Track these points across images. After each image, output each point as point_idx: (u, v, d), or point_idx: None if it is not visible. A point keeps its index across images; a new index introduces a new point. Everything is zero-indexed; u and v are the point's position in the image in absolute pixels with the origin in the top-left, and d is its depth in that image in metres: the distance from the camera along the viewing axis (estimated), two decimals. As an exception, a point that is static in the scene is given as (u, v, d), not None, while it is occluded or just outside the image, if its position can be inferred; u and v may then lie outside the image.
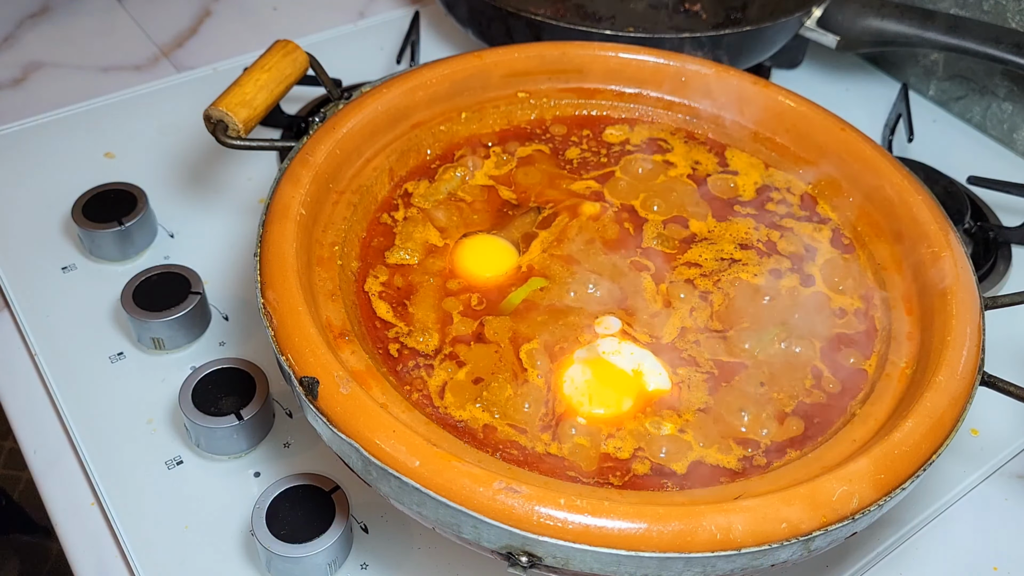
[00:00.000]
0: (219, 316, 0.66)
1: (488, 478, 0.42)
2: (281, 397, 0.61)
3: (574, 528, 0.41)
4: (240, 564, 0.53)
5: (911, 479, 0.45)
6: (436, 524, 0.44)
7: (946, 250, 0.56)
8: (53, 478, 0.58)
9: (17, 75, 0.87)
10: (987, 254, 0.74)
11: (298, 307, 0.48)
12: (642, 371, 0.53)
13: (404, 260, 0.58)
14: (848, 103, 0.90)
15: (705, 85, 0.69)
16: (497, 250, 0.60)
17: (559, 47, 0.69)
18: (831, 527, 0.43)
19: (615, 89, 0.70)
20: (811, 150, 0.66)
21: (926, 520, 0.58)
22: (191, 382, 0.58)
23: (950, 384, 0.49)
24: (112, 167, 0.76)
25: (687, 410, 0.52)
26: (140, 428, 0.60)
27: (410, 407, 0.49)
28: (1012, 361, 0.66)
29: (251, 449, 0.59)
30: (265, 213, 0.54)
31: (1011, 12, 0.82)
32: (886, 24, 0.82)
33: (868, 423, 0.50)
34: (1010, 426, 0.63)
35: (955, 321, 0.52)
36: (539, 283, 0.57)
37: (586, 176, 0.65)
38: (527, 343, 0.54)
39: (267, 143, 0.60)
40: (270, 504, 0.52)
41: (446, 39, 0.95)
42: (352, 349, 0.50)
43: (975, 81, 0.88)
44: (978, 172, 0.81)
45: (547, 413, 0.51)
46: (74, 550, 0.55)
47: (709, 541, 0.41)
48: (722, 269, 0.60)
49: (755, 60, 0.84)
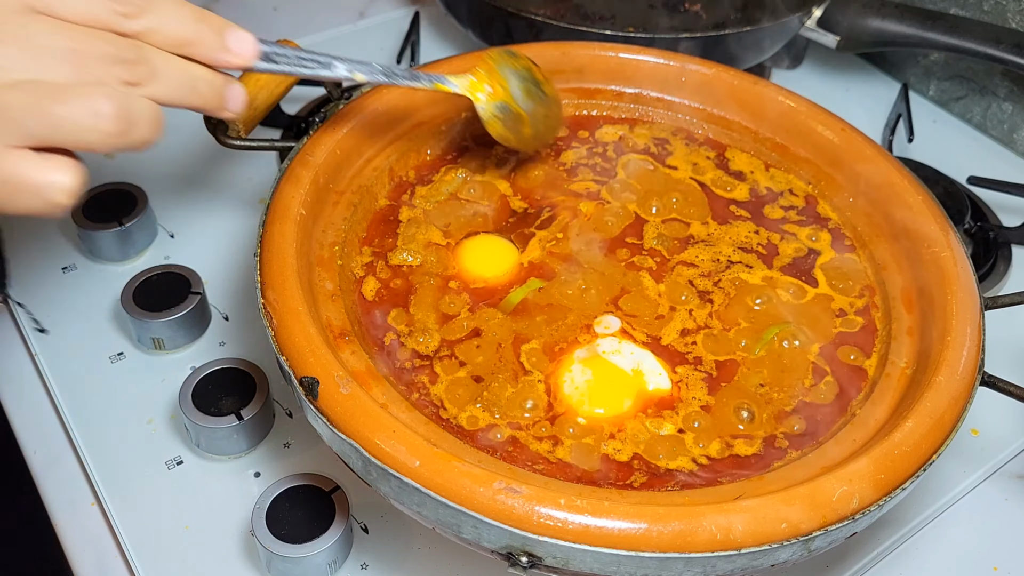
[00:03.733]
0: (219, 316, 0.66)
1: (488, 478, 0.42)
2: (281, 397, 0.61)
3: (574, 528, 0.41)
4: (240, 564, 0.53)
5: (911, 479, 0.45)
6: (436, 524, 0.44)
7: (946, 250, 0.56)
8: (53, 478, 0.58)
9: (17, 75, 0.87)
10: (987, 254, 0.74)
11: (298, 307, 0.48)
12: (642, 371, 0.53)
13: (406, 261, 0.58)
14: (848, 103, 0.90)
15: (705, 85, 0.69)
16: (500, 250, 0.60)
17: (559, 47, 0.69)
18: (831, 527, 0.43)
19: (615, 89, 0.70)
20: (811, 150, 0.66)
21: (926, 520, 0.58)
22: (191, 382, 0.58)
23: (950, 384, 0.49)
24: (112, 167, 0.76)
25: (687, 410, 0.52)
26: (140, 428, 0.60)
27: (410, 407, 0.49)
28: (1012, 361, 0.66)
29: (251, 449, 0.59)
30: (265, 213, 0.54)
31: (1011, 12, 0.82)
32: (886, 24, 0.82)
33: (868, 423, 0.50)
34: (1010, 426, 0.63)
35: (955, 321, 0.52)
36: (537, 284, 0.57)
37: (586, 176, 0.65)
38: (527, 343, 0.54)
39: (267, 143, 0.60)
40: (270, 504, 0.52)
41: (446, 39, 0.95)
42: (352, 349, 0.50)
43: (975, 81, 0.88)
44: (978, 172, 0.81)
45: (547, 413, 0.51)
46: (74, 550, 0.55)
47: (709, 541, 0.41)
48: (721, 269, 0.60)
49: (755, 60, 0.84)
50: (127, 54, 0.40)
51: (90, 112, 0.38)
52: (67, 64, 0.38)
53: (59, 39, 0.38)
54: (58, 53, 0.38)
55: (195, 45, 0.43)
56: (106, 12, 0.39)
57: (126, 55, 0.39)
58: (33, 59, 0.37)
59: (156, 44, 0.41)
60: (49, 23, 0.38)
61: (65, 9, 0.38)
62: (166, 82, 0.41)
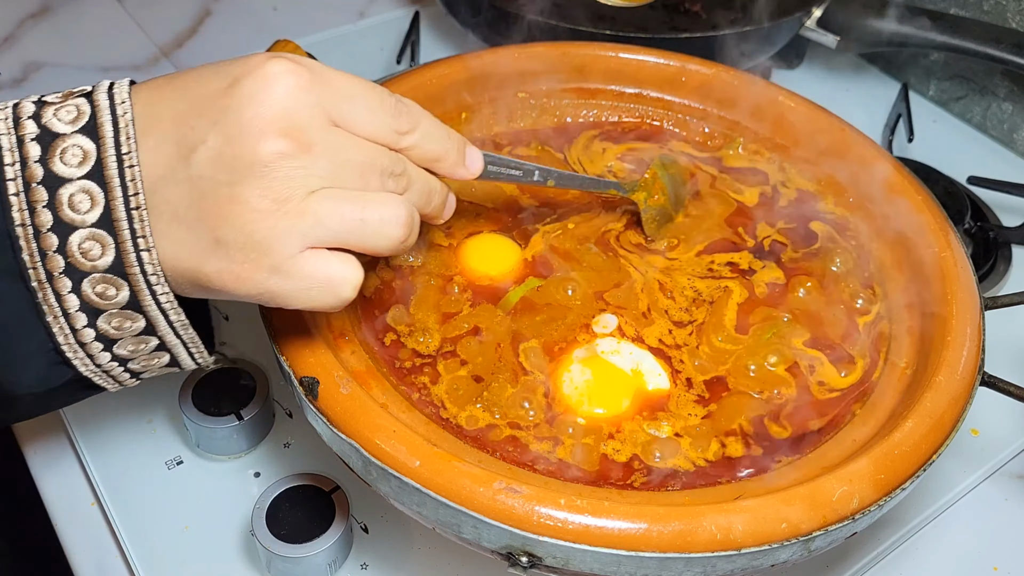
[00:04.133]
0: (219, 316, 0.66)
1: (488, 478, 0.42)
2: (281, 397, 0.61)
3: (574, 528, 0.41)
4: (240, 564, 0.53)
5: (911, 479, 0.45)
6: (436, 524, 0.44)
7: (946, 250, 0.56)
8: (53, 478, 0.58)
9: (17, 75, 0.87)
10: (987, 254, 0.74)
11: (298, 307, 0.48)
12: (641, 371, 0.53)
13: (407, 261, 0.58)
14: (848, 103, 0.89)
15: (705, 85, 0.69)
16: (504, 249, 0.59)
17: (559, 47, 0.69)
18: (831, 527, 0.43)
19: (615, 89, 0.70)
20: (811, 150, 0.66)
21: (926, 520, 0.58)
22: (191, 382, 0.58)
23: (950, 384, 0.49)
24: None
25: (686, 410, 0.52)
26: (140, 428, 0.60)
27: (410, 407, 0.49)
28: (1012, 361, 0.66)
29: (251, 449, 0.59)
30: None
31: (1011, 12, 0.82)
32: (886, 24, 0.82)
33: (868, 423, 0.50)
34: (1010, 426, 0.63)
35: (955, 321, 0.52)
36: (536, 283, 0.57)
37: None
38: (526, 342, 0.54)
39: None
40: (270, 504, 0.52)
41: (446, 39, 0.95)
42: (352, 349, 0.50)
43: (975, 81, 0.88)
44: (978, 172, 0.81)
45: (547, 413, 0.51)
46: (74, 550, 0.55)
47: (709, 541, 0.41)
48: (721, 270, 0.60)
49: (755, 60, 0.84)
50: (397, 168, 0.43)
51: (392, 218, 0.42)
52: (357, 175, 0.41)
53: (355, 153, 0.41)
54: (353, 166, 0.41)
55: (442, 161, 0.46)
56: (387, 130, 0.43)
57: (396, 169, 0.43)
58: (336, 170, 0.41)
59: (413, 159, 0.45)
60: (347, 138, 0.41)
61: (358, 126, 0.42)
62: (415, 193, 0.45)
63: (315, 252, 0.41)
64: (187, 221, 0.39)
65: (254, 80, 0.39)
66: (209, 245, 0.39)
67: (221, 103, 0.39)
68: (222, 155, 0.39)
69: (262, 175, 0.39)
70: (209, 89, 0.40)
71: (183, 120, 0.40)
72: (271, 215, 0.39)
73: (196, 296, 0.42)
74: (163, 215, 0.39)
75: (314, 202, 0.40)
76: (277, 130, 0.39)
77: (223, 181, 0.39)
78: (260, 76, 0.39)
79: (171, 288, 0.41)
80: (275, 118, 0.39)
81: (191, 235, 0.40)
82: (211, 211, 0.39)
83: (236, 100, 0.39)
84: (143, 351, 0.43)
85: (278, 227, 0.39)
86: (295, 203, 0.39)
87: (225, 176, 0.39)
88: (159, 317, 0.42)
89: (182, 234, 0.40)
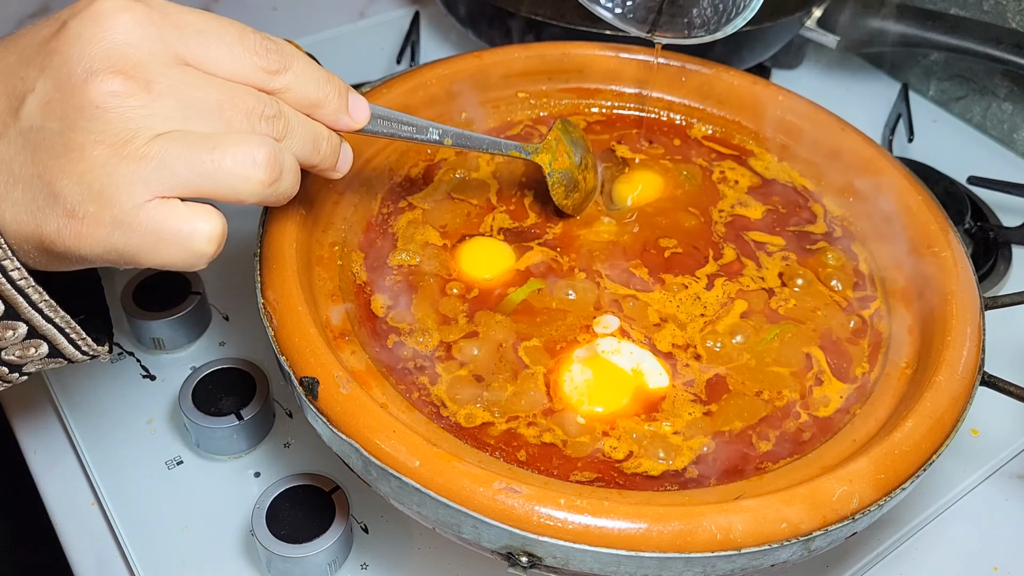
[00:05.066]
0: (219, 316, 0.66)
1: (488, 478, 0.42)
2: (281, 397, 0.61)
3: (574, 528, 0.41)
4: (240, 564, 0.53)
5: (911, 479, 0.45)
6: (436, 524, 0.44)
7: (946, 250, 0.56)
8: (53, 478, 0.58)
9: (17, 75, 0.87)
10: (987, 254, 0.74)
11: (298, 307, 0.48)
12: (641, 370, 0.53)
13: (405, 261, 0.58)
14: (848, 103, 0.89)
15: (705, 85, 0.69)
16: (496, 251, 0.59)
17: (559, 47, 0.69)
18: (831, 527, 0.43)
19: (615, 89, 0.70)
20: (811, 150, 0.66)
21: (926, 520, 0.58)
22: (191, 382, 0.58)
23: (950, 384, 0.49)
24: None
25: (686, 409, 0.52)
26: (140, 428, 0.60)
27: (410, 407, 0.49)
28: (1012, 361, 0.66)
29: (251, 449, 0.59)
30: (265, 213, 0.54)
31: (1011, 12, 0.82)
32: (886, 24, 0.82)
33: (868, 423, 0.50)
34: (1010, 426, 0.63)
35: (955, 321, 0.52)
36: (537, 284, 0.57)
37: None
38: (526, 342, 0.54)
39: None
40: (270, 504, 0.52)
41: (446, 39, 0.95)
42: (352, 349, 0.50)
43: (975, 81, 0.88)
44: (978, 172, 0.81)
45: (547, 412, 0.51)
46: (74, 550, 0.55)
47: (709, 541, 0.41)
48: (721, 270, 0.60)
49: (755, 60, 0.84)
50: (269, 110, 0.40)
51: (247, 160, 0.38)
52: (215, 117, 0.38)
53: (209, 92, 0.38)
54: (208, 105, 0.38)
55: (321, 106, 0.43)
56: (251, 68, 0.40)
57: (268, 110, 0.40)
58: (185, 110, 0.38)
59: (288, 102, 0.42)
60: (198, 76, 0.38)
61: (214, 63, 0.39)
62: (297, 139, 0.42)
63: (163, 202, 0.37)
64: (24, 179, 0.36)
65: (82, 19, 0.37)
66: (47, 201, 0.36)
67: (48, 47, 0.37)
68: (51, 102, 0.36)
69: (94, 117, 0.36)
70: (38, 37, 0.38)
71: (12, 72, 0.37)
72: (108, 161, 0.36)
73: (51, 268, 0.39)
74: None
75: (158, 145, 0.37)
76: (109, 67, 0.36)
77: (55, 130, 0.36)
78: (89, 14, 0.37)
79: (23, 262, 0.38)
80: (105, 55, 0.36)
81: (28, 194, 0.37)
82: (46, 164, 0.36)
83: (64, 42, 0.36)
84: (12, 339, 0.40)
85: (116, 173, 0.36)
86: (136, 147, 0.36)
87: (56, 124, 0.36)
88: (17, 298, 0.38)
89: (19, 194, 0.37)
